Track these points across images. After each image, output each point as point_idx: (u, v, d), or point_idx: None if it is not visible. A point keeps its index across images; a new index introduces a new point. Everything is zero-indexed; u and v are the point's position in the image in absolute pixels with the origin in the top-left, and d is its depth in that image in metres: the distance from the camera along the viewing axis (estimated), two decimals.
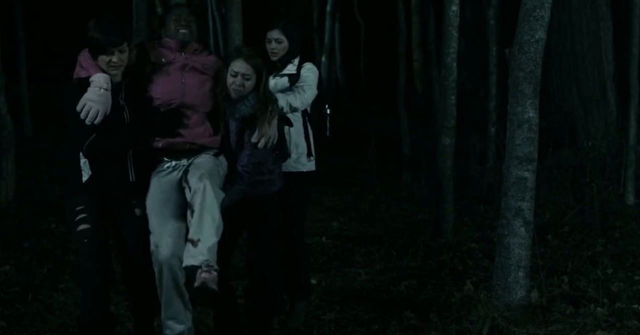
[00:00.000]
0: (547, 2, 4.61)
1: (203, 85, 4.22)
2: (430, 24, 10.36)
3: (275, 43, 4.75)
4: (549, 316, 4.67)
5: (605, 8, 10.22)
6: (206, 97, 4.21)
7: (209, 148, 4.20)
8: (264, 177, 4.29)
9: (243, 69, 4.17)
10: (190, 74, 4.20)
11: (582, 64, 10.06)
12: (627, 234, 6.73)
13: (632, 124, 7.78)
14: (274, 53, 4.76)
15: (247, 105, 4.19)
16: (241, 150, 4.22)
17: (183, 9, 4.39)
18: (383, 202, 8.69)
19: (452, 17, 6.65)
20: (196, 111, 4.18)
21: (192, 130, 4.15)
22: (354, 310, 5.11)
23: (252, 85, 4.21)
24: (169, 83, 4.15)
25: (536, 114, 4.69)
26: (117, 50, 3.95)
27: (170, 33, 4.25)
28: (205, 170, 4.02)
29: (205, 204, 3.93)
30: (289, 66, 4.79)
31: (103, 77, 3.96)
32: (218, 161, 4.17)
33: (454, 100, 6.76)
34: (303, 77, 4.76)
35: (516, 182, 4.70)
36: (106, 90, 3.95)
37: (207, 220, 3.92)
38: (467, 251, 6.36)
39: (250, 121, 4.19)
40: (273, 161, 4.34)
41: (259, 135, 4.17)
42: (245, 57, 4.20)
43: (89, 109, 3.90)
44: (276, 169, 4.37)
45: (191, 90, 4.17)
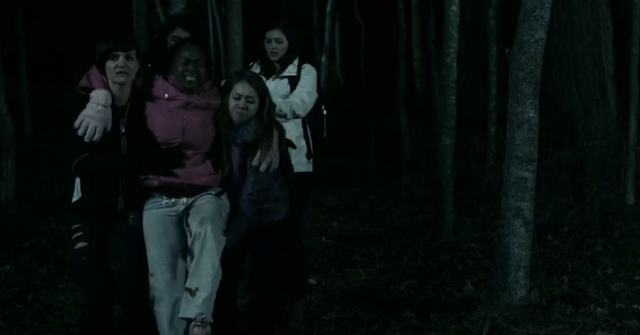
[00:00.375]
0: (547, 2, 4.61)
1: (206, 124, 4.04)
2: (430, 24, 10.37)
3: (276, 43, 4.67)
4: (549, 316, 4.67)
5: (605, 8, 10.22)
6: (209, 134, 4.04)
7: (207, 187, 4.02)
8: (270, 205, 4.15)
9: (246, 91, 4.06)
10: (192, 112, 4.01)
11: (582, 64, 10.06)
12: (627, 234, 6.73)
13: (632, 124, 7.78)
14: (274, 53, 4.68)
15: (250, 130, 4.06)
16: (245, 178, 4.08)
17: (193, 49, 4.05)
18: (383, 202, 8.69)
19: (452, 17, 6.65)
20: (197, 150, 4.00)
21: (190, 169, 3.98)
22: (354, 310, 5.11)
23: (256, 109, 4.08)
24: (169, 121, 3.97)
25: (536, 114, 4.69)
26: (124, 55, 3.82)
27: (177, 75, 4.02)
28: (206, 213, 3.87)
29: (205, 251, 3.79)
30: (289, 67, 4.72)
31: (103, 94, 3.83)
32: (220, 201, 4.00)
33: (454, 100, 6.76)
34: (304, 80, 4.70)
35: (516, 182, 4.70)
36: (104, 107, 3.80)
37: (205, 268, 3.78)
38: (467, 251, 6.36)
39: (254, 147, 4.06)
40: (279, 187, 4.20)
41: (260, 159, 4.04)
42: (248, 80, 4.10)
43: (86, 126, 3.77)
44: (282, 196, 4.21)
45: (193, 130, 3.99)
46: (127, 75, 3.85)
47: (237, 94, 4.04)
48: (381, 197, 8.88)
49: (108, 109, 3.82)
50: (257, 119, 4.08)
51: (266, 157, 4.04)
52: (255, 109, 4.08)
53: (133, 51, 3.85)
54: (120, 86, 3.86)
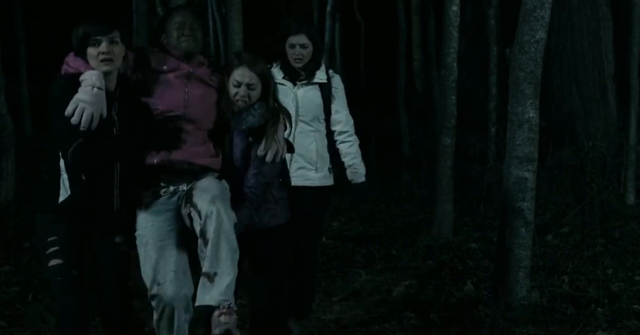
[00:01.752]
0: (547, 2, 4.61)
1: (208, 98, 3.70)
2: (431, 24, 10.37)
3: (301, 48, 4.38)
4: (550, 316, 4.67)
5: (605, 8, 10.22)
6: (210, 111, 3.70)
7: (209, 170, 3.67)
8: (269, 206, 3.80)
9: (247, 77, 3.69)
10: (194, 84, 3.67)
11: (582, 64, 10.06)
12: (627, 234, 6.72)
13: (632, 123, 7.78)
14: (299, 59, 4.39)
15: (255, 115, 3.71)
16: (247, 169, 3.71)
17: (186, 13, 3.77)
18: (383, 202, 8.69)
19: (452, 17, 6.65)
20: (198, 126, 3.65)
21: (191, 148, 3.61)
22: (354, 310, 5.11)
23: (258, 95, 3.73)
24: (170, 92, 3.62)
25: (536, 114, 4.69)
26: (106, 39, 3.38)
27: (173, 42, 3.68)
28: (215, 191, 3.49)
29: (222, 231, 3.39)
30: (317, 74, 4.47)
31: (95, 74, 3.39)
32: (224, 184, 3.64)
33: (454, 100, 6.76)
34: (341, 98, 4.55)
35: (516, 182, 4.70)
36: (100, 89, 3.37)
37: (224, 251, 3.40)
38: (467, 251, 6.36)
39: (259, 134, 3.70)
40: (279, 188, 3.85)
41: (266, 147, 3.67)
42: (248, 64, 3.71)
43: (81, 111, 3.31)
44: (281, 199, 3.86)
45: (194, 102, 3.64)
46: (113, 62, 3.43)
47: (236, 81, 3.69)
48: (381, 197, 8.88)
49: (103, 92, 3.40)
50: (262, 102, 3.74)
51: (272, 145, 3.68)
52: (258, 94, 3.73)
53: (116, 33, 3.42)
54: (106, 74, 3.44)
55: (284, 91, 4.32)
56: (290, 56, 4.40)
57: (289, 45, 4.40)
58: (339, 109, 4.55)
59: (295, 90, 4.41)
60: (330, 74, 4.52)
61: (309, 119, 4.42)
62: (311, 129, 4.42)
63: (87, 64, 3.42)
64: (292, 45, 4.39)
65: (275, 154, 3.68)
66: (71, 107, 3.32)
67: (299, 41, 4.38)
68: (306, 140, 4.40)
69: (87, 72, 3.40)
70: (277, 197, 3.85)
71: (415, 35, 17.48)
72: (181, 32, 3.65)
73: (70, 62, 3.47)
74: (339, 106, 4.55)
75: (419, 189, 8.84)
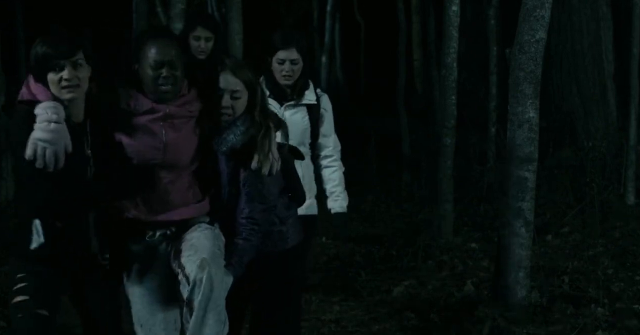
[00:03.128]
0: (547, 2, 4.61)
1: (188, 135, 3.17)
2: (431, 24, 10.38)
3: (291, 64, 3.91)
4: (550, 316, 4.67)
5: (605, 8, 10.22)
6: (192, 149, 3.18)
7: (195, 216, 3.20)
8: (275, 228, 3.31)
9: (231, 84, 3.17)
10: (172, 124, 3.13)
11: (582, 64, 10.05)
12: (627, 234, 6.72)
13: (632, 123, 7.77)
14: (288, 76, 3.92)
15: (237, 133, 3.17)
16: (238, 196, 3.20)
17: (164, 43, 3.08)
18: (383, 202, 8.69)
19: (452, 17, 6.65)
20: (181, 171, 3.16)
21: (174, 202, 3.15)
22: (354, 310, 5.11)
23: (244, 105, 3.20)
24: (146, 140, 3.08)
25: (536, 114, 4.69)
26: (69, 62, 2.90)
27: (148, 84, 3.08)
28: (206, 253, 3.00)
29: (210, 303, 2.94)
30: (306, 93, 4.02)
31: (50, 107, 2.88)
32: (216, 232, 3.18)
33: (454, 100, 6.76)
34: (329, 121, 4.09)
35: (516, 182, 4.70)
36: (57, 123, 2.85)
37: (209, 326, 2.95)
38: (467, 251, 6.36)
39: (245, 154, 3.16)
40: (286, 206, 3.37)
41: (258, 160, 3.15)
42: (232, 69, 3.20)
43: (42, 153, 2.83)
44: (289, 218, 3.38)
45: (174, 147, 3.12)
46: (78, 88, 2.94)
47: (220, 89, 3.18)
48: (381, 197, 8.87)
49: (63, 125, 2.89)
50: (246, 116, 3.20)
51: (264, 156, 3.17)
52: (244, 105, 3.20)
53: (80, 55, 2.93)
54: (70, 102, 2.95)
55: None
56: (277, 73, 3.93)
57: (277, 61, 3.91)
58: (326, 133, 4.13)
59: (282, 111, 3.96)
60: (319, 93, 4.09)
61: (294, 143, 3.83)
62: None
63: (46, 91, 2.95)
64: (281, 60, 3.90)
65: (270, 167, 3.18)
66: (30, 149, 2.84)
67: (289, 56, 3.89)
68: None
69: (41, 105, 2.90)
70: (283, 216, 3.35)
71: (415, 35, 17.46)
72: (158, 74, 3.05)
73: (31, 87, 2.99)
74: (327, 130, 4.13)
75: (419, 189, 8.83)
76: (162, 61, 3.04)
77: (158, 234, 3.17)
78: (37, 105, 2.91)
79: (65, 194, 2.96)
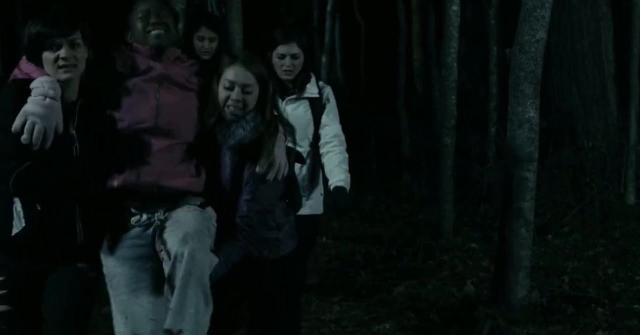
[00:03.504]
0: (547, 2, 4.61)
1: (185, 105, 3.03)
2: (431, 24, 10.38)
3: (292, 59, 3.91)
4: (550, 316, 4.67)
5: (605, 8, 10.22)
6: (189, 121, 3.02)
7: (188, 194, 2.99)
8: (270, 235, 3.14)
9: (241, 77, 3.03)
10: (169, 89, 3.02)
11: (582, 64, 10.05)
12: (627, 234, 6.73)
13: (632, 123, 7.78)
14: (289, 71, 3.92)
15: (246, 128, 3.04)
16: (238, 193, 3.05)
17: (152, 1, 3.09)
18: (383, 202, 8.69)
19: (452, 17, 6.65)
20: (173, 141, 2.98)
21: (163, 167, 2.94)
22: (354, 310, 5.11)
23: (255, 100, 3.07)
24: (139, 99, 2.96)
25: (537, 114, 4.69)
26: (67, 41, 2.79)
27: (139, 37, 3.05)
28: (190, 228, 2.80)
29: (191, 280, 2.71)
30: (308, 87, 4.01)
31: (48, 81, 2.75)
32: (206, 214, 2.96)
33: (454, 100, 6.76)
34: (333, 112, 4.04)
35: (517, 182, 4.70)
36: (54, 100, 2.72)
37: (192, 302, 2.71)
38: (467, 251, 6.36)
39: (251, 151, 3.03)
40: (284, 212, 3.21)
41: (265, 163, 3.00)
42: (244, 62, 3.06)
43: (31, 127, 2.64)
44: (286, 224, 3.21)
45: (168, 111, 2.97)
46: (75, 68, 2.83)
47: (228, 82, 3.03)
48: (381, 197, 8.87)
49: (58, 102, 2.75)
50: (257, 112, 3.08)
51: (271, 162, 3.02)
52: (255, 100, 3.07)
53: (78, 34, 2.83)
54: (65, 82, 2.83)
55: None
56: (278, 68, 3.92)
57: (278, 56, 3.91)
58: (328, 123, 4.09)
59: (284, 107, 3.95)
60: (321, 85, 4.07)
61: (298, 139, 3.74)
62: (300, 150, 3.76)
63: (41, 70, 2.83)
64: (281, 55, 3.91)
65: (277, 172, 3.03)
66: (19, 121, 2.65)
67: (289, 51, 3.90)
68: None
69: (38, 79, 2.77)
70: (281, 222, 3.19)
71: (416, 35, 17.47)
72: (147, 22, 3.03)
73: (22, 66, 2.88)
74: (329, 120, 4.09)
75: (419, 189, 8.83)
76: (149, 10, 3.04)
77: (145, 218, 2.95)
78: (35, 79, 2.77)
79: (49, 175, 2.75)
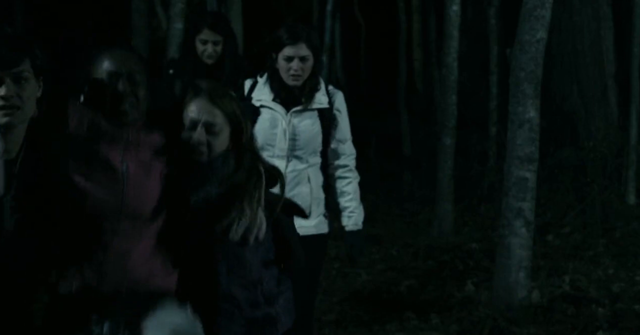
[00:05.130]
0: (548, 2, 4.61)
1: (156, 177, 2.35)
2: (431, 24, 10.38)
3: (300, 62, 3.35)
4: (550, 316, 4.66)
5: (606, 7, 10.21)
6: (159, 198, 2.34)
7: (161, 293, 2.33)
8: (259, 312, 2.47)
9: (205, 114, 2.38)
10: (136, 160, 2.33)
11: (583, 64, 10.04)
12: (628, 234, 6.72)
13: (633, 123, 7.77)
14: (297, 76, 3.37)
15: (214, 180, 2.38)
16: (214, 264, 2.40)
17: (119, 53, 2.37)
18: (383, 202, 8.68)
19: (453, 17, 6.64)
20: (143, 225, 2.31)
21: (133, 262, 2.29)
22: (354, 310, 5.10)
23: (225, 144, 2.42)
24: (99, 173, 2.28)
25: (537, 114, 4.68)
26: (9, 76, 2.12)
27: None
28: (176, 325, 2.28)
29: None
30: (317, 95, 3.45)
31: None
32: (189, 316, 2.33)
33: (455, 100, 6.76)
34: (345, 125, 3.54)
35: (517, 182, 4.69)
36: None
37: None
38: (467, 251, 6.35)
39: (223, 208, 2.36)
40: (275, 281, 2.54)
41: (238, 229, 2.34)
42: (209, 96, 2.41)
43: None
44: (280, 296, 2.55)
45: (138, 187, 2.31)
46: (18, 110, 2.15)
47: (192, 120, 2.39)
48: (381, 197, 8.86)
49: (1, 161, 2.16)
50: (228, 158, 2.42)
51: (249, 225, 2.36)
52: (225, 143, 2.42)
53: (26, 64, 2.17)
54: (6, 129, 2.16)
55: (272, 119, 3.41)
56: (284, 72, 3.37)
57: (285, 58, 3.36)
58: (341, 138, 3.58)
59: (289, 118, 3.43)
60: (331, 92, 3.54)
61: (304, 153, 3.47)
62: (304, 166, 3.47)
63: None
64: (288, 58, 3.35)
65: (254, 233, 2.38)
66: None
67: (297, 53, 3.34)
68: (298, 179, 3.46)
69: None
70: (272, 294, 2.52)
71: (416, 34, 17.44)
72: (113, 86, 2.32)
73: None
74: (342, 134, 3.59)
75: (420, 189, 8.82)
76: (117, 73, 2.32)
77: (106, 328, 2.30)
78: None
79: None
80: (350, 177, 3.63)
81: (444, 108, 6.82)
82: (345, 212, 3.66)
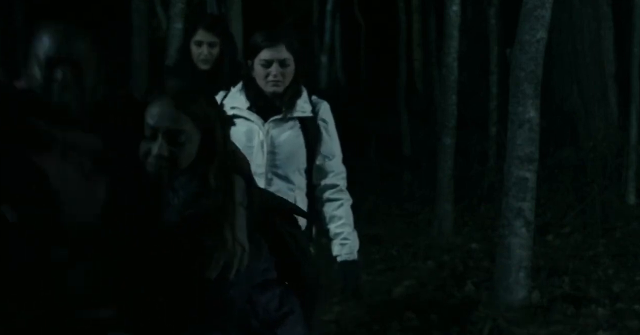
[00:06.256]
0: (548, 2, 4.61)
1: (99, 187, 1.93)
2: (431, 24, 10.38)
3: (280, 67, 2.99)
4: (550, 317, 4.66)
5: (606, 7, 10.21)
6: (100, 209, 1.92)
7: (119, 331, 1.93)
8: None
9: (167, 120, 1.94)
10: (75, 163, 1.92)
11: (583, 64, 10.05)
12: (628, 234, 6.72)
13: (633, 123, 7.76)
14: (276, 82, 3.00)
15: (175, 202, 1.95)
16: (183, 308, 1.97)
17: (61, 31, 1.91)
18: (383, 202, 8.68)
19: (453, 17, 6.64)
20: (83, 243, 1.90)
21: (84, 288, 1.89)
22: (354, 310, 5.10)
23: (192, 156, 1.98)
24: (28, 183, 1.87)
25: (537, 114, 4.68)
26: None
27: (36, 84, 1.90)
28: None
29: None
30: (299, 103, 3.07)
31: None
32: None
33: (455, 100, 6.75)
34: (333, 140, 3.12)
35: (517, 182, 4.69)
36: None
37: None
38: (467, 251, 6.35)
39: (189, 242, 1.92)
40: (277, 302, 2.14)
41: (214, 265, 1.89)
42: (174, 98, 1.97)
43: None
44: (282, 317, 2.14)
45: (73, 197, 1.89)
46: None
47: (151, 127, 1.95)
48: (381, 197, 8.86)
49: None
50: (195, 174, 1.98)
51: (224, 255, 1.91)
52: (191, 156, 1.99)
53: None
54: None
55: (248, 131, 3.03)
56: (261, 79, 3.00)
57: (261, 62, 2.99)
58: (328, 154, 3.15)
59: (267, 129, 3.03)
60: (314, 101, 3.12)
61: (287, 171, 3.05)
62: (289, 186, 3.06)
63: None
64: (266, 62, 2.98)
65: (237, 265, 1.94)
66: None
67: (276, 55, 2.98)
68: None
69: None
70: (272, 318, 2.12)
71: (416, 34, 17.45)
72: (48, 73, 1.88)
73: None
74: (329, 149, 3.15)
75: (420, 189, 8.82)
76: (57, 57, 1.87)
77: None
78: None
79: None
80: (342, 199, 3.24)
81: (444, 108, 6.81)
82: (336, 239, 3.26)
